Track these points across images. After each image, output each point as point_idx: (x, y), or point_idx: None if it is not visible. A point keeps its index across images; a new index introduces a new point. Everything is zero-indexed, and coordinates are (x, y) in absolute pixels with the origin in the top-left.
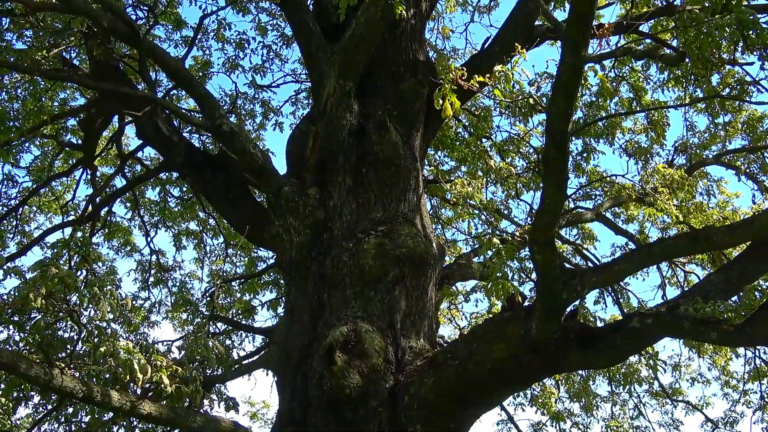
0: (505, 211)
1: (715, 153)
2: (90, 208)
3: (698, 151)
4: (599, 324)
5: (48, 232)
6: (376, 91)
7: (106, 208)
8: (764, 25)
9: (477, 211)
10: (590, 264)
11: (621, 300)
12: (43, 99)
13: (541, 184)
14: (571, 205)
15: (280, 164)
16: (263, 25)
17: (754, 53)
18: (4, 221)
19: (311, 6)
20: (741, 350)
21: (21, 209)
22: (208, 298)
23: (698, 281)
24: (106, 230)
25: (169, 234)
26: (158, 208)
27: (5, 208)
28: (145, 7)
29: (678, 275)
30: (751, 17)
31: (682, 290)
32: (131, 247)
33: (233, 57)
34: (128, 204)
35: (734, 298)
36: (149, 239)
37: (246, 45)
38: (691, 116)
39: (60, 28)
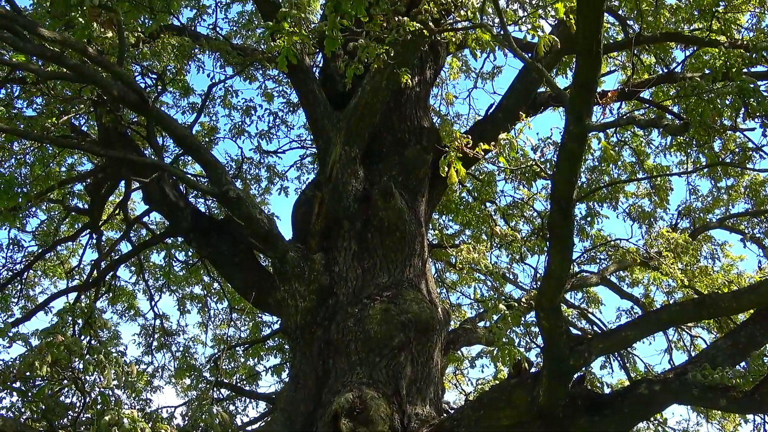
0: (510, 276)
1: (718, 217)
2: (95, 272)
3: (702, 215)
4: (606, 389)
5: (53, 297)
6: (381, 158)
7: (111, 273)
8: (765, 93)
9: (482, 276)
10: (596, 328)
11: (627, 364)
12: (51, 165)
13: (546, 249)
14: (576, 269)
15: (285, 228)
16: (269, 92)
17: (756, 120)
18: (9, 286)
19: (317, 74)
20: (750, 415)
21: (26, 274)
22: (212, 364)
23: (706, 347)
24: (110, 294)
25: (173, 298)
26: (163, 272)
27: (10, 273)
28: (153, 75)
29: (684, 339)
30: (752, 85)
31: (688, 354)
32: (135, 311)
33: (240, 123)
34: (133, 268)
35: (742, 363)
36: (153, 303)
37: (252, 111)
38: (694, 180)
39: (70, 95)
